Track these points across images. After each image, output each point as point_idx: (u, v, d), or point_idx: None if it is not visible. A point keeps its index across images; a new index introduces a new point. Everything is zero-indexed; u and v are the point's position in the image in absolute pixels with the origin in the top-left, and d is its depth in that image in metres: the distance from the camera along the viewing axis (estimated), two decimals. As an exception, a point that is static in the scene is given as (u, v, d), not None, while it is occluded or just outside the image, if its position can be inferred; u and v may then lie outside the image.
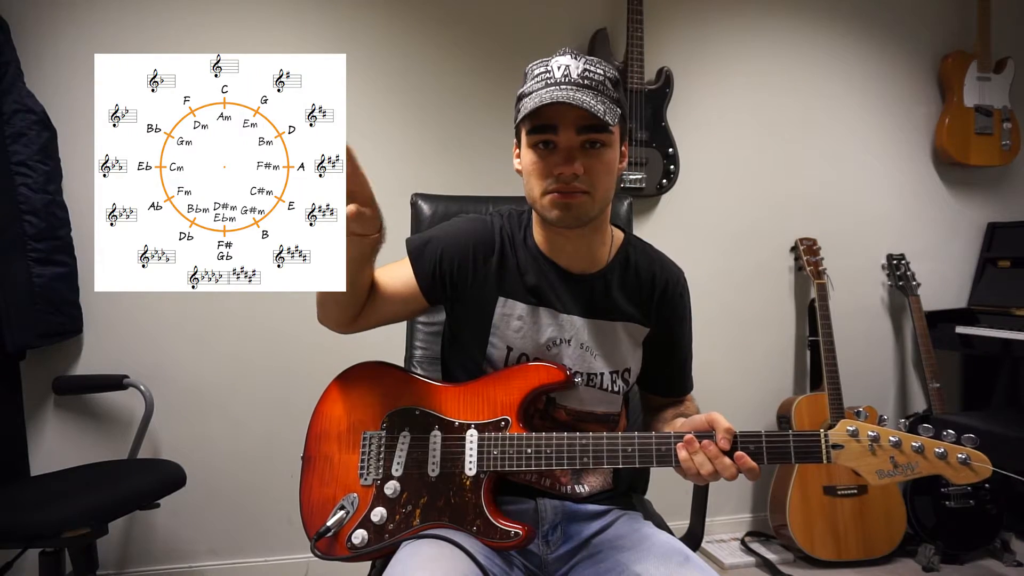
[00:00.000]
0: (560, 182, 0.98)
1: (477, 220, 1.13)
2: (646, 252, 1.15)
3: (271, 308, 2.14)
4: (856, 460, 0.88)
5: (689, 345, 1.18)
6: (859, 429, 0.89)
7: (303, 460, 1.05)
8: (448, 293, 1.10)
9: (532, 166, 1.01)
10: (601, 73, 0.99)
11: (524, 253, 1.09)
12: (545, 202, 1.00)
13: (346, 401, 1.06)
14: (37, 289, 1.85)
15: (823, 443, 0.89)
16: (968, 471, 0.85)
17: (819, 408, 2.31)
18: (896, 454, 0.87)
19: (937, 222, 2.72)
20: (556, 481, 1.07)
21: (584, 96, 0.95)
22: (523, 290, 1.08)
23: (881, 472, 0.88)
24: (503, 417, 1.01)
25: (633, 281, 1.11)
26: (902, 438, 0.87)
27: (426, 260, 1.09)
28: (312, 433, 1.06)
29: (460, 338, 1.13)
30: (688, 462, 0.91)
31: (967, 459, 0.85)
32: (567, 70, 0.97)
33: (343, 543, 0.97)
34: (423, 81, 2.25)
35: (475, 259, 1.09)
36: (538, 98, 0.95)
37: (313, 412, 1.08)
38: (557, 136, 0.97)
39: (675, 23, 2.45)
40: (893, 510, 2.28)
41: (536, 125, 0.98)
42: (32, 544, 1.45)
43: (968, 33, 2.66)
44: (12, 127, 1.84)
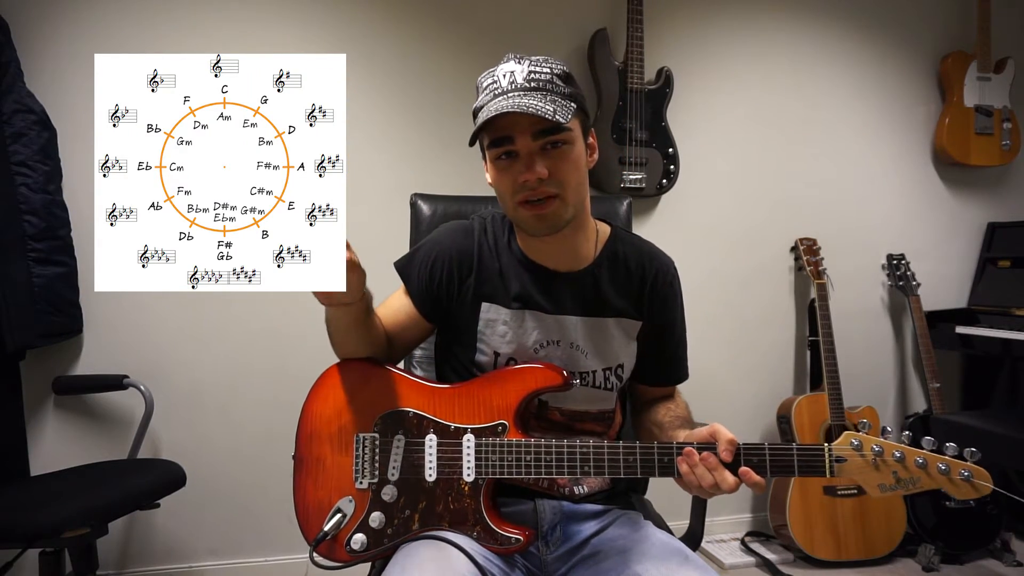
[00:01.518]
0: (527, 189, 0.97)
1: (458, 228, 1.13)
2: (634, 244, 1.14)
3: (271, 308, 2.14)
4: (859, 474, 0.88)
5: (683, 333, 1.18)
6: (863, 443, 0.88)
7: (294, 461, 1.04)
8: (438, 304, 1.10)
9: (498, 180, 1.01)
10: (548, 71, 0.97)
11: (508, 257, 1.09)
12: (519, 215, 1.00)
13: (336, 401, 1.04)
14: (37, 289, 1.85)
15: (827, 457, 0.88)
16: (969, 487, 0.84)
17: (819, 408, 2.31)
18: (899, 468, 0.87)
19: (937, 222, 2.72)
20: (554, 483, 1.07)
21: (531, 100, 0.93)
22: (506, 295, 1.07)
23: (883, 486, 0.87)
24: (500, 422, 0.99)
25: (623, 274, 1.10)
26: (906, 452, 0.86)
27: (416, 276, 1.10)
28: (303, 433, 1.04)
29: (449, 346, 1.13)
30: (689, 475, 0.90)
31: (969, 476, 0.84)
32: (512, 76, 0.97)
33: (342, 547, 0.97)
34: (423, 81, 2.25)
35: (458, 269, 1.08)
36: (486, 112, 0.95)
37: (301, 411, 1.05)
38: (515, 144, 0.96)
39: (675, 23, 2.45)
40: (893, 510, 2.28)
41: (493, 139, 0.98)
42: (32, 544, 1.44)
43: (968, 33, 2.66)
44: (12, 127, 1.84)
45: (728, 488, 0.88)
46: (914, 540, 2.29)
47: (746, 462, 0.89)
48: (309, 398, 1.06)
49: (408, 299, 1.11)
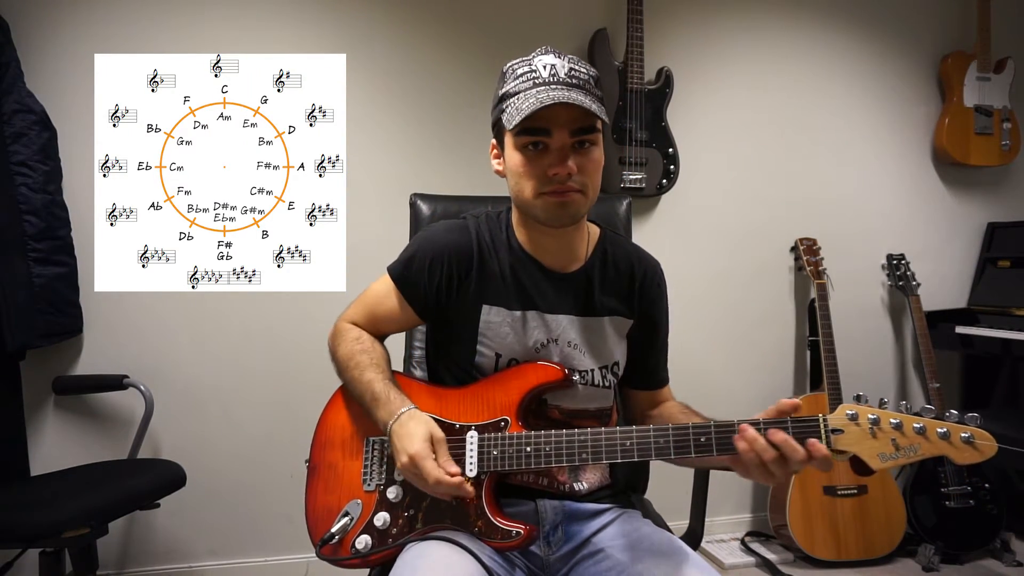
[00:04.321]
0: (556, 183, 0.97)
1: (453, 228, 1.12)
2: (622, 245, 1.16)
3: (271, 308, 2.13)
4: (857, 444, 0.86)
5: (666, 336, 1.19)
6: (859, 413, 0.86)
7: (308, 467, 1.06)
8: (438, 307, 1.10)
9: (522, 167, 1.00)
10: (586, 72, 0.99)
11: (507, 255, 1.09)
12: (539, 203, 1.00)
13: (350, 408, 1.08)
14: (37, 289, 1.85)
15: (822, 427, 0.87)
16: (972, 450, 0.82)
17: (819, 408, 2.31)
18: (898, 436, 0.84)
19: (937, 222, 2.72)
20: (554, 479, 1.07)
21: (579, 96, 0.94)
22: (508, 296, 1.07)
23: (883, 455, 0.85)
24: (502, 417, 1.01)
25: (613, 275, 1.12)
26: (903, 420, 0.85)
27: (414, 283, 1.09)
28: (317, 441, 1.07)
29: (447, 347, 1.13)
30: (748, 452, 0.85)
31: (971, 438, 0.81)
32: (554, 69, 0.97)
33: (348, 548, 0.98)
34: (423, 81, 2.25)
35: (457, 270, 1.08)
36: (535, 99, 0.94)
37: (319, 420, 1.09)
38: (550, 138, 0.97)
39: (675, 23, 2.45)
40: (893, 510, 2.28)
41: (528, 127, 0.97)
42: (32, 544, 1.45)
43: (968, 33, 2.66)
44: (12, 127, 1.84)
45: (799, 458, 0.83)
46: (914, 540, 2.29)
47: (741, 435, 0.87)
48: (327, 408, 1.10)
49: (401, 299, 1.11)
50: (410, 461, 0.91)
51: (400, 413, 0.97)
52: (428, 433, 0.94)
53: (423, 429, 0.94)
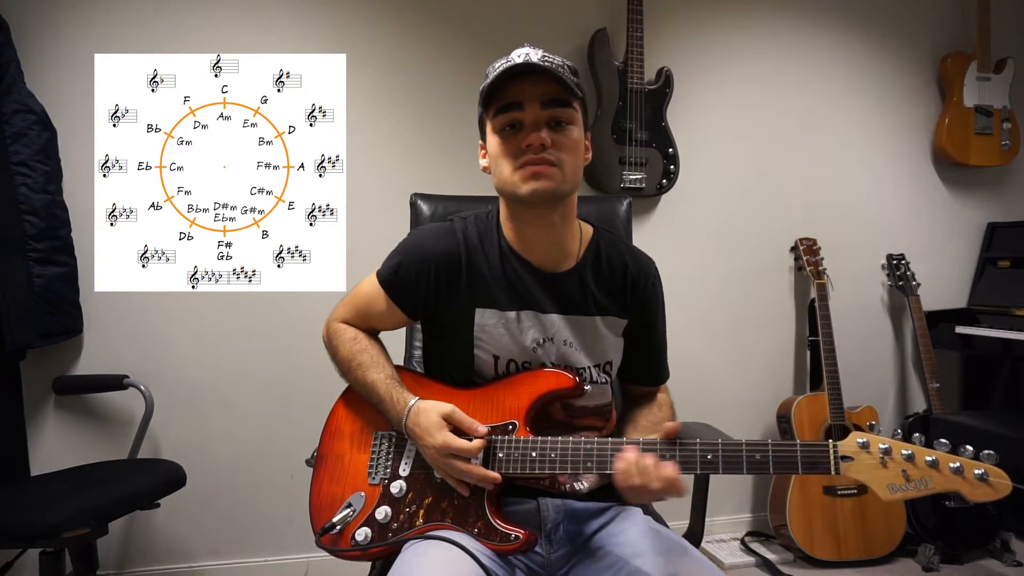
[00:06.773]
0: (529, 153, 0.98)
1: (439, 232, 1.12)
2: (616, 244, 1.16)
3: (271, 308, 2.13)
4: (866, 473, 0.84)
5: (664, 334, 1.19)
6: (870, 441, 0.85)
7: (316, 457, 1.08)
8: (429, 311, 1.11)
9: (500, 148, 1.01)
10: (561, 61, 1.01)
11: (496, 255, 1.09)
12: (516, 178, 1.00)
13: (362, 402, 1.09)
14: (37, 289, 1.85)
15: (832, 455, 0.86)
16: (986, 487, 0.80)
17: (819, 408, 2.31)
18: (909, 468, 0.83)
19: (937, 222, 2.72)
20: (555, 479, 1.07)
21: (547, 67, 0.97)
22: (500, 297, 1.07)
23: (893, 486, 0.83)
24: (511, 421, 1.01)
25: (607, 274, 1.12)
26: (915, 451, 0.83)
27: (404, 290, 1.10)
28: (327, 431, 1.09)
29: (443, 351, 1.13)
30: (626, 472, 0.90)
31: (985, 475, 0.79)
32: (527, 56, 0.99)
33: (347, 540, 0.99)
34: (423, 81, 2.25)
35: (445, 274, 1.08)
36: (500, 71, 0.97)
37: (331, 410, 1.11)
38: (523, 112, 0.98)
39: (675, 23, 2.45)
40: (893, 510, 2.28)
41: (501, 105, 0.99)
42: (32, 544, 1.45)
43: (968, 33, 2.66)
44: (12, 127, 1.84)
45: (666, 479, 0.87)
46: (914, 540, 2.29)
47: (748, 459, 0.88)
48: (339, 399, 1.11)
49: (391, 304, 1.11)
50: (436, 453, 0.96)
51: (408, 411, 1.00)
52: (439, 419, 0.97)
53: (434, 418, 0.97)
